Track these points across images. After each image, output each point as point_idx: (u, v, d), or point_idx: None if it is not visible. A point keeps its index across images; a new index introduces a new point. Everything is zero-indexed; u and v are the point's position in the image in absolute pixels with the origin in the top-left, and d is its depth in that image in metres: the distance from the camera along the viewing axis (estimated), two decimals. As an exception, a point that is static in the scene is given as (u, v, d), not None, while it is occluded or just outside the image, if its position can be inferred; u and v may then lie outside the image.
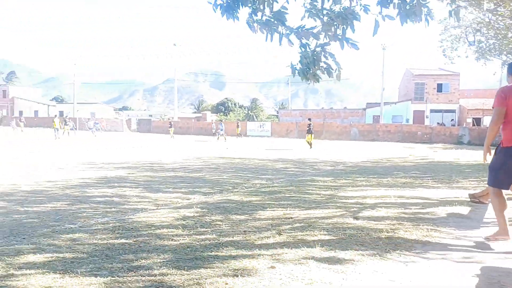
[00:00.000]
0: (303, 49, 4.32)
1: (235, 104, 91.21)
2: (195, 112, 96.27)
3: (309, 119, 28.51)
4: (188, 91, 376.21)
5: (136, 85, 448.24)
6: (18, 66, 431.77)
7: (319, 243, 4.53)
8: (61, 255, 4.02)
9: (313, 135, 25.14)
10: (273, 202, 7.11)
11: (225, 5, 4.20)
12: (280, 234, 4.91)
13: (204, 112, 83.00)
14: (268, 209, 6.52)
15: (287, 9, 4.30)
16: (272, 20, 4.18)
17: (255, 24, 4.24)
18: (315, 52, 4.31)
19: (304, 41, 4.35)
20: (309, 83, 4.73)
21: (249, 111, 77.79)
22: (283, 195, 7.98)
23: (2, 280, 3.31)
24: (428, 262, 3.99)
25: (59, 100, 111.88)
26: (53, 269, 3.60)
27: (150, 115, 78.67)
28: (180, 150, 21.76)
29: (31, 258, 3.90)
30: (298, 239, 4.70)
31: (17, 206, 6.57)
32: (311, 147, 24.12)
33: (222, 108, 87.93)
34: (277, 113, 71.60)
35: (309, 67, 4.33)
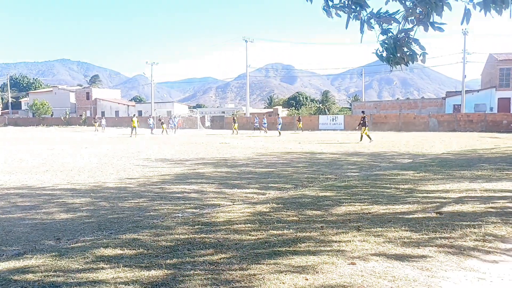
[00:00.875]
0: (384, 36, 4.12)
1: (306, 98, 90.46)
2: (266, 107, 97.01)
3: (363, 112, 28.15)
4: (259, 87, 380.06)
5: (209, 83, 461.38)
6: (100, 69, 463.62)
7: (401, 239, 4.33)
8: (145, 249, 4.22)
9: (367, 127, 24.37)
10: (349, 197, 6.93)
11: None
12: (359, 230, 4.76)
13: (275, 107, 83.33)
14: (344, 204, 6.37)
15: None
16: (351, 3, 4.02)
17: (332, 9, 4.11)
18: (397, 38, 4.09)
19: (385, 26, 4.13)
20: (391, 70, 4.52)
21: (321, 105, 76.72)
22: (360, 189, 7.75)
23: (93, 272, 3.53)
24: (526, 262, 3.65)
25: (138, 100, 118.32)
26: (139, 262, 3.78)
27: (223, 112, 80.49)
28: (250, 145, 22.02)
29: (119, 252, 4.13)
30: (378, 235, 4.53)
31: (103, 202, 7.01)
32: (370, 139, 23.37)
33: (293, 102, 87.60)
34: (350, 105, 69.96)
35: (393, 53, 4.13)
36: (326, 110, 71.58)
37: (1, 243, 4.63)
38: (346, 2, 4.06)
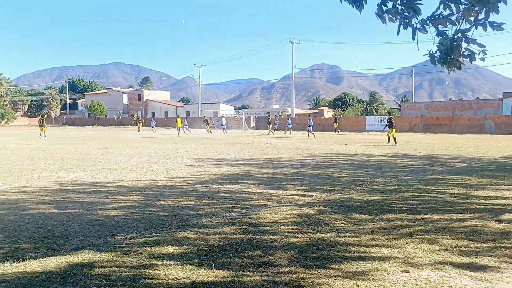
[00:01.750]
0: (440, 37, 3.97)
1: (352, 99, 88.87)
2: (311, 108, 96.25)
3: (389, 113, 27.72)
4: (304, 87, 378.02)
5: (255, 84, 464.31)
6: (151, 71, 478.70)
7: (457, 248, 4.14)
8: (195, 247, 4.29)
9: (394, 129, 23.50)
10: (400, 202, 6.73)
11: None
12: (411, 236, 4.61)
13: (321, 108, 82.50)
14: (395, 208, 6.18)
15: None
16: (404, 9, 3.90)
17: (385, 15, 4.01)
18: (454, 39, 3.92)
19: (441, 28, 3.99)
20: (449, 72, 4.34)
21: (368, 106, 75.12)
22: (411, 194, 7.50)
23: (146, 269, 3.63)
24: None
25: (186, 101, 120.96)
26: (189, 260, 3.85)
27: (268, 113, 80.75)
28: (296, 146, 21.90)
29: (170, 249, 4.23)
30: (432, 242, 4.36)
31: (154, 200, 7.21)
32: (395, 142, 22.61)
33: (339, 103, 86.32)
34: (399, 106, 68.01)
35: (449, 55, 3.97)
36: (374, 111, 70.02)
37: (61, 237, 4.87)
38: (399, 8, 3.94)
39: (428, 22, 3.94)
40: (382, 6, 4.04)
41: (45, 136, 30.87)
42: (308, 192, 7.94)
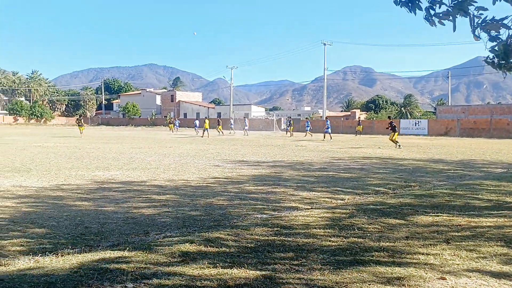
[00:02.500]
0: (493, 42, 3.86)
1: (386, 101, 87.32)
2: (343, 111, 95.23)
3: (389, 117, 28.14)
4: (336, 89, 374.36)
5: (286, 86, 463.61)
6: (183, 73, 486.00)
7: (496, 256, 4.00)
8: (227, 248, 4.32)
9: (397, 133, 23.19)
10: (435, 207, 6.56)
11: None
12: (448, 243, 4.49)
13: (353, 110, 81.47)
14: (430, 214, 6.03)
15: None
16: (454, 11, 3.80)
17: (434, 18, 3.91)
18: (508, 43, 3.79)
19: (493, 33, 3.87)
20: (504, 77, 4.22)
21: (402, 108, 73.59)
22: (447, 199, 7.30)
23: (179, 267, 3.69)
24: None
25: (217, 102, 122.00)
26: (222, 260, 3.88)
27: (299, 115, 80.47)
28: (327, 148, 21.69)
29: (203, 249, 4.27)
30: (470, 250, 4.23)
31: (186, 200, 7.31)
32: (397, 145, 22.34)
33: (372, 105, 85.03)
34: (434, 109, 66.33)
35: (506, 59, 3.85)
36: (408, 114, 68.59)
37: (97, 234, 5.02)
38: (450, 11, 3.84)
39: (479, 27, 3.82)
40: (430, 9, 3.95)
41: (81, 135, 32.08)
42: (340, 195, 7.86)
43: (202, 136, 35.64)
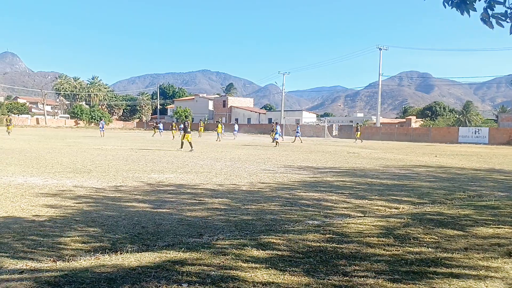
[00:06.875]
0: None
1: (444, 108, 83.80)
2: (398, 117, 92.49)
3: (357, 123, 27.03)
4: (391, 96, 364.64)
5: (338, 91, 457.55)
6: (235, 79, 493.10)
7: None
8: (279, 252, 4.34)
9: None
10: (496, 219, 6.22)
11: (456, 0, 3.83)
12: (510, 256, 4.25)
13: (408, 117, 78.95)
14: (491, 226, 5.73)
15: None
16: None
17: (492, 19, 3.74)
18: None
19: None
20: None
21: (461, 116, 70.31)
22: (509, 211, 6.90)
23: (232, 270, 3.75)
24: None
25: (268, 108, 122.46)
26: (274, 265, 3.90)
27: (351, 121, 79.15)
28: (379, 156, 21.15)
29: (255, 252, 4.32)
30: (536, 265, 3.98)
31: (238, 204, 7.41)
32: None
33: (429, 112, 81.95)
34: (496, 117, 62.86)
35: None
36: (467, 122, 65.49)
37: (153, 234, 5.21)
38: (509, 12, 3.66)
39: None
40: (488, 9, 3.77)
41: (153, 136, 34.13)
42: (395, 204, 7.65)
43: (217, 140, 36.25)
